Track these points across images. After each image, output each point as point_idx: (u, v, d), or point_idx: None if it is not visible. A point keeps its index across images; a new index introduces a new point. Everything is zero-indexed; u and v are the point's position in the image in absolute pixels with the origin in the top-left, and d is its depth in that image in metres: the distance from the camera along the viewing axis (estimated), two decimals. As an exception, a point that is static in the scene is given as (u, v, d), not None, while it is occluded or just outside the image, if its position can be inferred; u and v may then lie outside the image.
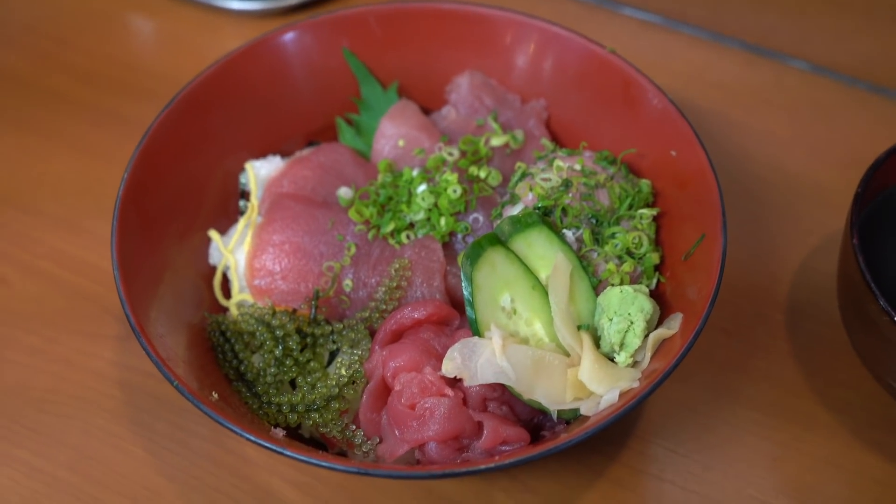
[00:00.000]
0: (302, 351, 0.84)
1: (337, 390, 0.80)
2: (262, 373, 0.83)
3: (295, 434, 0.82)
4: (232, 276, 0.89)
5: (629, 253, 0.83)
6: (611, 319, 0.78)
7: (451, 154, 0.92)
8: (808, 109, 1.13)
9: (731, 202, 1.01)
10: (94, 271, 1.00)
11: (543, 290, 0.80)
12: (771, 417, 0.88)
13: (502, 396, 0.78)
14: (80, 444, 0.88)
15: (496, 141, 0.93)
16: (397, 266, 0.85)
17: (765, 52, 1.18)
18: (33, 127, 1.14)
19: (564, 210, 0.83)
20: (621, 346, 0.78)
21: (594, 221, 0.84)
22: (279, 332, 0.83)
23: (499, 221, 0.84)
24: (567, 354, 0.78)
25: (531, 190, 0.85)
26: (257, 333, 0.84)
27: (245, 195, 0.95)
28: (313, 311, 0.84)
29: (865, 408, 0.88)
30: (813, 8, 1.15)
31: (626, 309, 0.78)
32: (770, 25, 1.18)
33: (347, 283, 0.86)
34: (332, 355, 0.85)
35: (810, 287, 0.96)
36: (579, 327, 0.80)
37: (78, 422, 0.89)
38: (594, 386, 0.75)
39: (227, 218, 0.94)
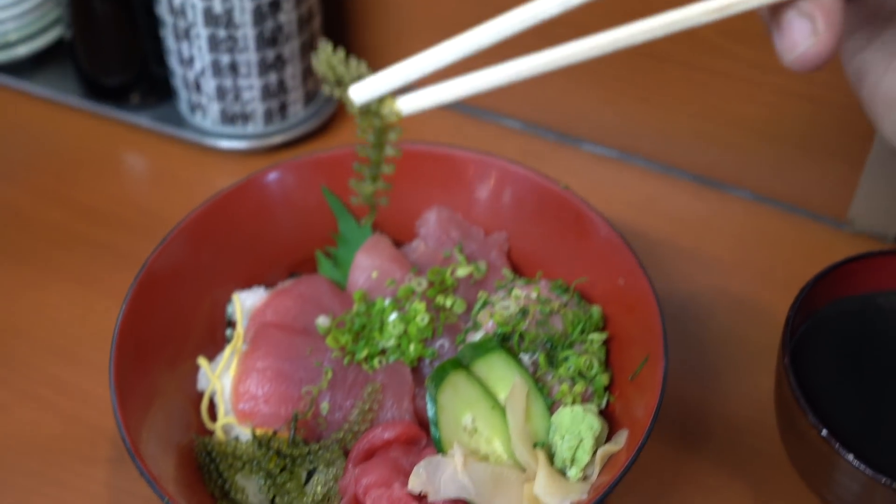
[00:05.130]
0: (281, 472, 0.89)
1: (313, 507, 0.86)
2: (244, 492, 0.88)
3: (275, 548, 0.87)
4: (218, 400, 0.95)
5: (581, 374, 0.90)
6: (563, 437, 0.85)
7: (419, 284, 0.99)
8: (752, 236, 1.22)
9: (678, 327, 1.09)
10: (89, 397, 1.05)
11: (502, 410, 0.87)
12: (719, 527, 0.94)
13: (464, 510, 0.83)
14: (73, 562, 0.93)
15: (461, 272, 1.01)
16: (370, 390, 0.91)
17: (711, 182, 1.27)
18: (31, 259, 1.20)
19: (521, 336, 0.91)
20: (572, 461, 0.84)
21: (549, 346, 0.91)
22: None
23: (462, 347, 0.91)
24: (523, 470, 0.84)
25: (491, 317, 0.92)
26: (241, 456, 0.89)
27: (232, 324, 1.02)
28: (292, 433, 0.90)
29: (804, 517, 0.94)
30: (751, 142, 1.24)
31: (576, 427, 0.85)
32: (715, 158, 1.27)
33: (324, 405, 0.93)
34: (310, 474, 0.90)
35: (752, 404, 1.03)
36: (535, 445, 0.86)
37: (71, 540, 0.94)
38: (548, 499, 0.81)
39: (214, 345, 1.00)
